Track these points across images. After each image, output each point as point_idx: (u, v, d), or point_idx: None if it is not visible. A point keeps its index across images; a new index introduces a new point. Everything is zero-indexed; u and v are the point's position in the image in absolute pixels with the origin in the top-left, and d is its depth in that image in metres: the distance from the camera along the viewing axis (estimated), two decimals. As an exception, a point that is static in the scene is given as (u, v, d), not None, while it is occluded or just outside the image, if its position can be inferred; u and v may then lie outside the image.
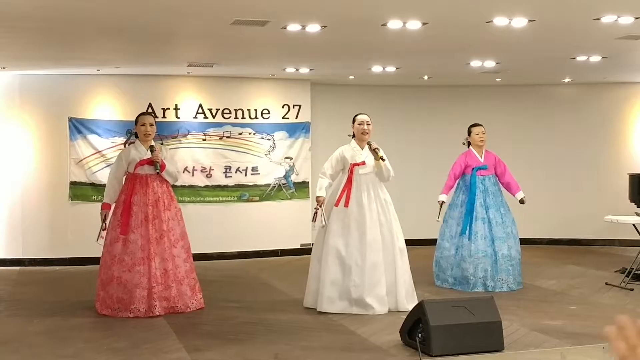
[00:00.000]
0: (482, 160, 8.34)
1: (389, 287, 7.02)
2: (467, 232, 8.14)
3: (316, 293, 7.09)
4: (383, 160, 7.02)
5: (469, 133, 8.45)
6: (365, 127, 7.18)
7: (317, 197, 7.09)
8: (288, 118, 11.12)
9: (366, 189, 7.10)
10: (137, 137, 7.31)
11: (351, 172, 7.13)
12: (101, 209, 7.21)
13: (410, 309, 6.42)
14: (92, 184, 10.23)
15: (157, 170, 7.08)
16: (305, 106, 11.22)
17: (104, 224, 7.10)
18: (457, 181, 8.42)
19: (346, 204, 7.05)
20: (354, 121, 7.29)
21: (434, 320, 5.45)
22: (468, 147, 8.47)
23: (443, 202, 8.31)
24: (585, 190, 11.85)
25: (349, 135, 7.34)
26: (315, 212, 7.02)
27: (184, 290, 7.10)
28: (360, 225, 7.00)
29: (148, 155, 7.13)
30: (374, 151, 7.05)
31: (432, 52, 8.39)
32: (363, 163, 7.14)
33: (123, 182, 7.25)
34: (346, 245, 6.99)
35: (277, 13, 6.12)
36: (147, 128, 7.19)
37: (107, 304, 6.99)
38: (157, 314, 6.86)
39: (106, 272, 7.03)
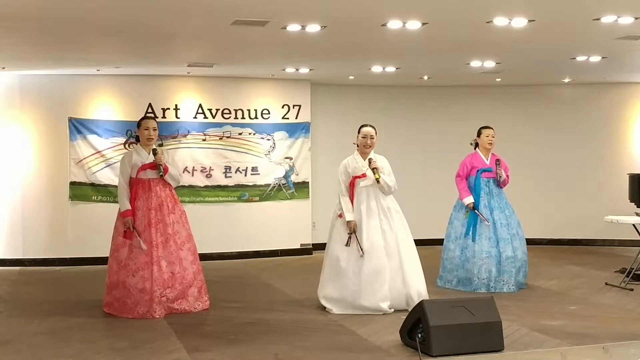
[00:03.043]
0: (487, 162, 8.33)
1: (399, 290, 7.10)
2: (471, 233, 8.13)
3: (325, 294, 7.26)
4: (378, 182, 7.15)
5: (479, 134, 8.41)
6: (369, 140, 7.30)
7: (348, 221, 7.15)
8: (288, 118, 11.12)
9: (366, 200, 7.23)
10: (137, 140, 7.29)
11: (352, 184, 7.27)
12: (123, 217, 7.01)
13: None
14: (92, 184, 10.24)
15: (160, 174, 7.07)
16: (305, 106, 11.22)
17: (135, 231, 6.95)
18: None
19: None
20: (359, 132, 7.40)
21: (433, 321, 5.45)
22: (475, 148, 8.45)
23: (473, 202, 8.16)
24: (585, 191, 11.85)
25: (354, 144, 7.45)
26: (349, 238, 7.13)
27: (192, 292, 7.12)
28: (359, 234, 7.12)
29: (150, 159, 7.11)
30: (372, 170, 7.18)
31: (432, 52, 8.39)
32: (364, 175, 7.26)
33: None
34: (346, 253, 7.12)
35: (277, 13, 6.13)
36: (150, 132, 7.16)
37: (114, 307, 7.03)
38: (157, 317, 6.86)
39: (112, 277, 7.07)
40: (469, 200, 8.16)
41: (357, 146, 7.37)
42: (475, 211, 8.10)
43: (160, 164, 7.06)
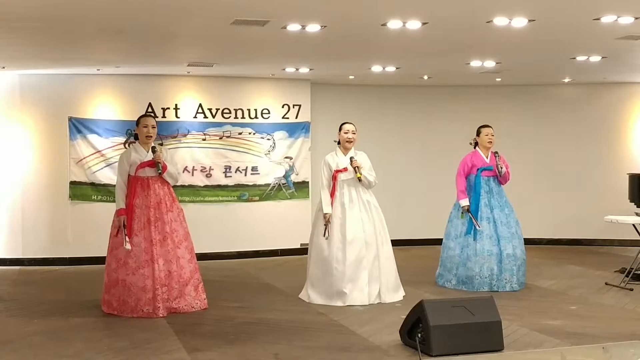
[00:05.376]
0: (487, 161, 8.33)
1: (374, 280, 7.47)
2: (472, 231, 8.13)
3: (305, 285, 7.74)
4: (360, 180, 7.54)
5: (478, 133, 8.42)
6: (350, 135, 7.67)
7: (325, 213, 7.55)
8: (288, 118, 11.12)
9: (348, 192, 7.61)
10: (136, 138, 7.30)
11: (334, 178, 7.64)
12: (118, 216, 7.03)
13: (393, 301, 7.45)
14: (92, 184, 10.24)
15: (159, 172, 7.08)
16: (305, 106, 11.23)
17: (125, 230, 6.96)
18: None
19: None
20: (340, 129, 7.75)
21: (433, 320, 5.45)
22: (475, 147, 8.45)
23: (468, 206, 8.19)
24: (585, 191, 11.86)
25: (335, 142, 7.81)
26: (325, 229, 7.51)
27: (188, 291, 7.12)
28: (342, 224, 7.50)
29: (148, 157, 7.12)
30: (354, 169, 7.55)
31: (432, 52, 8.39)
32: (345, 169, 7.63)
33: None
34: (329, 242, 7.49)
35: (277, 13, 6.13)
36: (149, 130, 7.18)
37: (113, 306, 7.03)
38: (161, 315, 6.87)
39: (111, 276, 7.05)
40: (465, 202, 8.21)
41: (339, 143, 7.74)
42: (470, 214, 8.14)
43: (159, 161, 7.07)
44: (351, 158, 7.59)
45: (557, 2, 5.87)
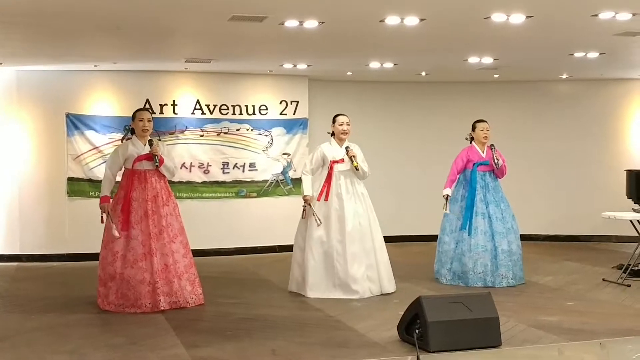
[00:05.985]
0: (484, 155, 8.33)
1: (371, 271, 7.58)
2: (467, 227, 8.14)
3: (300, 279, 7.75)
4: (357, 170, 7.61)
5: (473, 128, 8.42)
6: (345, 127, 7.73)
7: (305, 196, 7.69)
8: (286, 114, 11.12)
9: (344, 184, 7.68)
10: (133, 133, 7.30)
11: (331, 168, 7.70)
12: (101, 203, 7.06)
13: (391, 291, 7.65)
14: (90, 180, 10.23)
15: (156, 165, 7.08)
16: (303, 102, 11.22)
17: (109, 217, 6.98)
18: (458, 175, 8.40)
19: (326, 198, 7.67)
20: (334, 121, 7.80)
21: (431, 316, 5.45)
22: (470, 142, 8.45)
23: (448, 195, 8.29)
24: (583, 187, 11.87)
25: (328, 133, 7.86)
26: (304, 210, 7.66)
27: (184, 285, 7.12)
28: (340, 216, 7.58)
29: (146, 150, 7.13)
30: (350, 159, 7.62)
31: (429, 48, 8.39)
32: (342, 160, 7.69)
33: (117, 177, 7.25)
34: (328, 235, 7.58)
35: (274, 9, 6.13)
36: (145, 124, 7.19)
37: (110, 300, 7.00)
38: (163, 308, 6.88)
39: (107, 269, 7.02)
40: (446, 191, 8.32)
41: (333, 134, 7.78)
42: (446, 202, 8.25)
43: (156, 154, 7.08)
44: (346, 148, 7.66)
45: (555, -2, 5.88)
